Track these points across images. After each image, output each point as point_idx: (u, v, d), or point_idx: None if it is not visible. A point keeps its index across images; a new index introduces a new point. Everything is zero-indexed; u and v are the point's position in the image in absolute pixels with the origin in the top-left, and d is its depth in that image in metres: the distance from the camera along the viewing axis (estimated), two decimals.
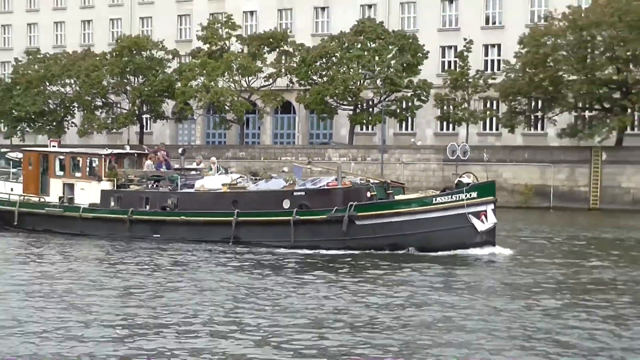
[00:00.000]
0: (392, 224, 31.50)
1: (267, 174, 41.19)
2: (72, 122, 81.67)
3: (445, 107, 68.78)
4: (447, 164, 61.12)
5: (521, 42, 62.86)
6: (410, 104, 69.17)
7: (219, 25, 74.67)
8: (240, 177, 38.26)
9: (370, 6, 76.50)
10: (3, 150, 47.10)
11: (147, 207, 36.00)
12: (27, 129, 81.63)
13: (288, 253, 31.35)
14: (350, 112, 70.26)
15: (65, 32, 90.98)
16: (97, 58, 78.46)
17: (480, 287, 25.12)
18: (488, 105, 69.71)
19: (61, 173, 38.93)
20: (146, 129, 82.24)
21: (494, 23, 72.96)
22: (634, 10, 57.52)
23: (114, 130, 79.90)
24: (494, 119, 69.24)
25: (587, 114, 63.77)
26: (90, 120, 78.16)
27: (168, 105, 77.98)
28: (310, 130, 79.49)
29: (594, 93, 60.41)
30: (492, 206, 31.35)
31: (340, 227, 31.42)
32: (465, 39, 68.39)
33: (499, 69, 67.99)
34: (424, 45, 69.00)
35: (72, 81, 78.89)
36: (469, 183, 31.88)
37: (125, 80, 77.59)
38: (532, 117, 66.87)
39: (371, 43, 68.05)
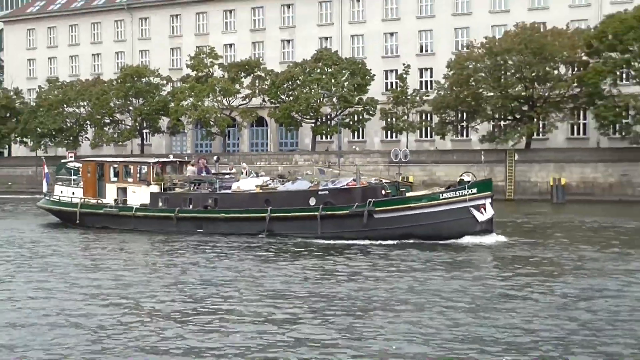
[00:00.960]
0: (406, 216, 31.09)
1: (293, 176, 40.46)
2: (86, 137, 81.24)
3: (389, 119, 68.68)
4: (391, 165, 61.28)
5: (448, 66, 62.98)
6: (360, 117, 69.08)
7: (204, 55, 74.18)
8: (270, 179, 37.50)
9: (326, 38, 76.54)
10: (63, 161, 47.05)
11: (191, 206, 35.61)
12: (49, 143, 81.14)
13: (315, 242, 30.83)
14: (312, 125, 70.23)
15: (79, 63, 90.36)
16: (105, 84, 78.20)
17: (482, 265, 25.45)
18: (423, 117, 69.37)
19: (115, 179, 38.76)
20: (146, 141, 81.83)
21: (426, 51, 73.04)
22: (536, 40, 58.23)
23: (120, 143, 79.39)
24: (428, 128, 68.97)
25: (502, 123, 63.79)
26: (100, 135, 77.84)
27: (163, 122, 77.56)
28: (279, 140, 79.28)
29: (507, 106, 60.87)
30: (489, 200, 31.11)
31: (361, 220, 31.10)
32: (404, 64, 68.69)
33: (431, 87, 67.95)
34: (370, 69, 69.25)
35: (85, 103, 78.41)
36: (469, 181, 31.55)
37: (129, 102, 77.17)
38: (459, 126, 66.78)
39: (328, 68, 67.93)
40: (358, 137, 74.28)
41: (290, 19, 79.16)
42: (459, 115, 65.55)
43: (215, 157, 42.74)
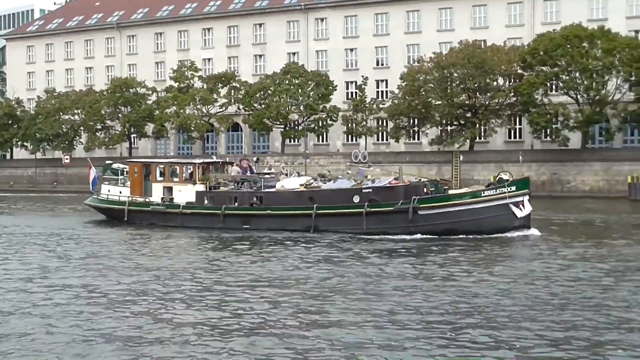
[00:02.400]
0: (448, 213, 29.70)
1: (335, 175, 38.66)
2: (80, 141, 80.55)
3: (349, 125, 68.87)
4: (352, 165, 61.46)
5: (402, 77, 63.25)
6: (324, 123, 69.10)
7: (185, 69, 74.06)
8: (313, 178, 35.78)
9: (294, 53, 76.55)
10: (108, 162, 44.74)
11: (236, 204, 33.85)
12: (47, 147, 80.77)
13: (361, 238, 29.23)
14: (282, 130, 70.26)
15: (74, 76, 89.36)
16: (97, 94, 77.73)
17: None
18: (380, 122, 69.75)
19: (161, 178, 36.84)
20: (133, 145, 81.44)
21: (382, 64, 73.25)
22: (477, 56, 58.63)
23: (110, 147, 78.86)
24: (384, 132, 69.64)
25: (448, 128, 63.99)
26: (92, 139, 77.20)
27: (149, 127, 76.98)
28: (253, 143, 79.15)
29: (453, 113, 61.20)
30: (527, 197, 29.74)
31: (406, 216, 29.58)
32: (362, 76, 69.27)
33: (386, 97, 68.37)
34: (333, 81, 69.46)
35: (79, 111, 77.81)
36: (508, 179, 30.28)
37: (118, 110, 76.66)
38: (411, 131, 66.81)
39: (295, 80, 67.98)
40: (322, 141, 74.33)
41: (262, 36, 79.10)
42: (411, 121, 65.61)
43: (255, 158, 40.67)
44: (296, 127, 70.66)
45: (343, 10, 74.93)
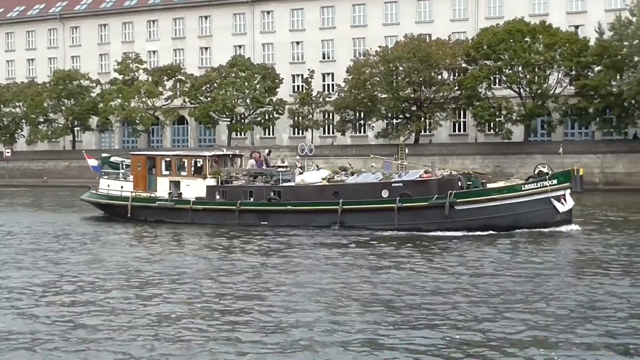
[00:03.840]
0: (487, 208, 28.13)
1: (359, 169, 36.18)
2: (22, 134, 79.09)
3: (296, 118, 68.97)
4: (299, 159, 61.66)
5: (348, 71, 63.40)
6: (271, 116, 69.10)
7: (130, 61, 73.41)
8: (334, 172, 33.67)
9: (240, 46, 76.17)
10: (105, 155, 42.07)
11: (251, 199, 31.83)
12: None
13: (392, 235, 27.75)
14: (228, 123, 69.92)
15: (15, 67, 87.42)
16: (39, 87, 76.25)
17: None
18: (326, 116, 70.06)
19: (167, 172, 34.56)
20: (77, 138, 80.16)
21: (329, 58, 73.33)
22: (422, 49, 59.00)
23: (53, 140, 77.53)
24: (331, 125, 69.78)
25: (394, 121, 64.23)
26: (35, 132, 75.86)
27: (93, 120, 75.76)
28: (199, 137, 78.56)
29: (398, 107, 61.42)
30: (568, 191, 28.30)
31: (440, 211, 28.06)
32: (309, 70, 69.27)
33: (333, 90, 68.30)
34: (280, 74, 69.31)
35: (21, 104, 76.25)
36: (548, 172, 28.85)
37: (61, 103, 75.22)
38: (357, 124, 67.19)
39: (242, 73, 67.64)
40: (269, 134, 74.21)
41: (208, 28, 78.53)
42: (357, 114, 65.84)
43: (267, 151, 38.18)
44: (242, 121, 70.37)
45: (289, 3, 74.77)
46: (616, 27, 54.23)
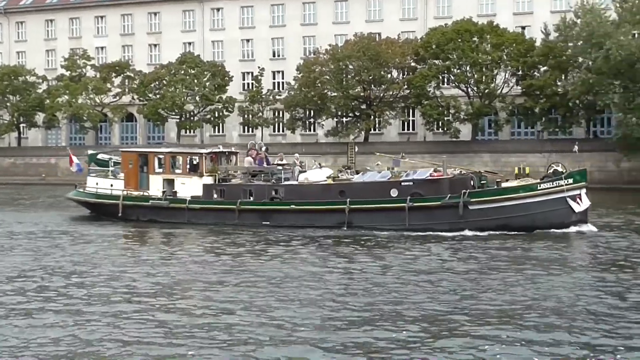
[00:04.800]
0: (502, 208, 27.32)
1: (364, 167, 35.45)
2: None
3: (246, 116, 68.63)
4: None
5: (298, 69, 63.30)
6: (220, 114, 68.72)
7: (78, 57, 72.55)
8: (339, 170, 32.96)
9: (190, 43, 75.44)
10: (91, 152, 39.58)
11: (251, 198, 30.55)
12: None
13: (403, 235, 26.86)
14: (177, 120, 69.32)
15: None
16: None
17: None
18: (276, 114, 69.81)
19: (160, 170, 33.13)
20: (23, 135, 78.62)
21: (279, 56, 73.11)
22: (372, 48, 59.23)
23: None
24: (281, 123, 69.59)
25: (344, 119, 64.50)
26: None
27: (39, 117, 74.61)
28: (147, 134, 77.69)
29: (348, 105, 61.61)
30: (584, 190, 27.68)
31: (453, 211, 27.27)
32: (259, 67, 68.96)
33: (283, 88, 68.15)
34: (229, 71, 69.09)
35: None
36: (563, 171, 28.12)
37: (6, 99, 73.73)
38: (307, 122, 67.14)
39: (191, 70, 67.21)
40: (219, 132, 73.74)
41: (157, 25, 77.71)
42: (307, 113, 65.83)
43: (264, 148, 36.30)
44: (192, 118, 69.83)
45: (239, 0, 74.36)
46: (561, 28, 55.04)
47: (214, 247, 25.18)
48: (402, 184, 28.58)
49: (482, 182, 29.79)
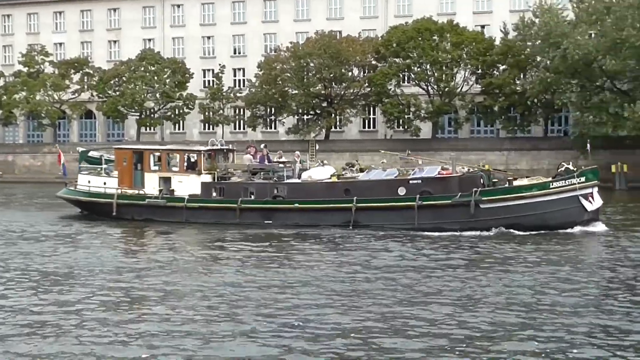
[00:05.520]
0: (514, 206, 26.68)
1: (370, 166, 34.02)
2: None
3: (206, 113, 67.96)
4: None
5: (259, 66, 62.97)
6: (181, 111, 68.09)
7: (36, 53, 71.30)
8: (343, 168, 32.20)
9: (150, 40, 74.64)
10: (82, 149, 37.98)
11: (252, 196, 29.60)
12: None
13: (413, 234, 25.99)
14: (137, 117, 68.54)
15: None
16: None
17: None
18: (237, 111, 69.25)
19: (156, 168, 31.99)
20: None
21: (240, 53, 72.60)
22: (333, 46, 59.06)
23: None
24: (242, 121, 68.97)
25: (305, 117, 64.34)
26: None
27: None
28: (107, 131, 76.69)
29: (309, 103, 61.53)
30: (596, 189, 27.03)
31: (464, 210, 26.55)
32: (220, 64, 68.63)
33: (244, 85, 67.70)
34: (190, 68, 68.56)
35: None
36: (574, 170, 27.42)
37: None
38: (268, 120, 66.89)
39: (151, 67, 66.49)
40: (179, 129, 73.06)
41: (117, 21, 76.71)
42: (268, 110, 65.56)
43: (262, 145, 35.28)
44: (152, 115, 69.08)
45: None
46: (520, 27, 55.39)
47: (219, 248, 24.26)
48: (410, 182, 27.91)
49: (494, 180, 29.22)
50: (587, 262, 21.03)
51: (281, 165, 31.91)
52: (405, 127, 61.18)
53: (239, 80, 71.19)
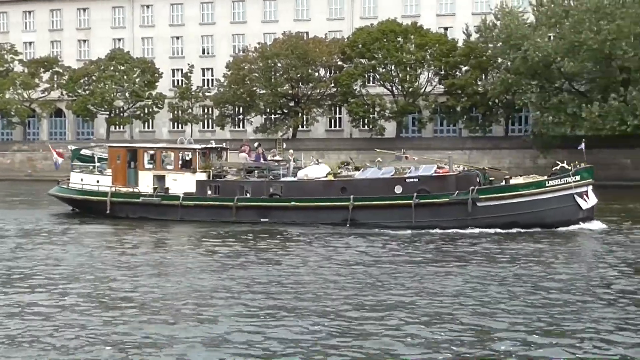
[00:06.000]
0: (510, 204, 26.48)
1: (365, 164, 33.89)
2: None
3: (175, 112, 67.35)
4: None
5: (227, 66, 62.58)
6: (150, 110, 67.36)
7: (5, 52, 70.12)
8: (338, 167, 31.65)
9: (119, 39, 73.81)
10: (75, 147, 37.03)
11: (248, 194, 29.25)
12: None
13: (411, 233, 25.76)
14: (107, 116, 67.68)
15: None
16: None
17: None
18: (206, 110, 68.71)
19: (150, 166, 31.44)
20: None
21: (208, 53, 72.01)
22: (300, 47, 58.83)
23: None
24: (210, 120, 68.58)
25: (272, 116, 64.04)
26: None
27: None
28: (77, 130, 75.61)
29: (277, 102, 61.32)
30: (591, 187, 26.86)
31: (461, 208, 26.34)
32: (188, 64, 68.09)
33: (212, 85, 67.32)
34: (159, 68, 67.89)
35: None
36: (569, 168, 27.03)
37: None
38: (236, 119, 66.53)
39: (121, 66, 65.71)
40: (148, 128, 72.29)
41: (86, 21, 75.64)
42: (236, 109, 65.17)
43: (256, 144, 34.77)
44: (121, 114, 68.31)
45: None
46: (482, 30, 55.64)
47: (219, 246, 23.62)
48: (407, 180, 27.64)
49: (491, 179, 29.15)
50: (580, 260, 21.03)
51: (277, 163, 31.57)
52: (370, 126, 61.15)
53: (208, 80, 70.67)
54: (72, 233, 27.06)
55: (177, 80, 71.23)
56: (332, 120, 68.17)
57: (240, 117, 66.27)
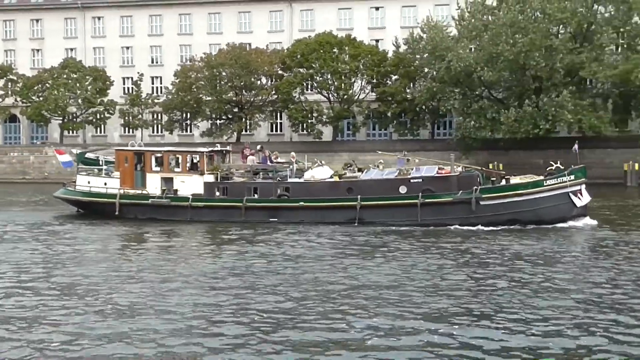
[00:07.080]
0: (512, 203, 26.55)
1: (368, 166, 32.64)
2: None
3: (126, 118, 67.22)
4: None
5: (175, 75, 62.61)
6: (102, 116, 66.91)
7: None
8: (342, 168, 31.13)
9: (72, 49, 73.09)
10: (80, 151, 36.44)
11: (256, 195, 28.91)
12: None
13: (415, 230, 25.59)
14: (60, 122, 67.09)
15: None
16: None
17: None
18: (155, 116, 68.76)
19: (158, 168, 30.74)
20: None
21: (157, 62, 71.94)
22: (243, 57, 59.12)
23: None
24: (159, 125, 68.55)
25: (218, 121, 64.17)
26: None
27: None
28: (31, 134, 74.54)
29: (222, 108, 61.51)
30: (584, 186, 26.99)
31: (465, 207, 26.36)
32: (138, 73, 67.96)
33: (161, 92, 67.11)
34: (110, 76, 67.54)
35: None
36: (563, 168, 27.20)
37: None
38: (184, 124, 66.54)
39: (73, 74, 65.16)
40: (100, 133, 71.75)
41: (39, 31, 74.61)
42: (184, 115, 65.15)
43: (259, 146, 34.41)
44: (74, 120, 67.68)
45: (119, 10, 72.66)
46: (410, 42, 56.93)
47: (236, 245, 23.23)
48: (411, 180, 27.55)
49: (492, 179, 29.12)
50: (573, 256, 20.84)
51: (284, 165, 31.46)
52: (309, 130, 61.96)
53: (157, 88, 70.50)
54: (88, 233, 26.53)
55: (128, 88, 70.91)
56: (274, 125, 68.78)
57: (188, 122, 66.35)
